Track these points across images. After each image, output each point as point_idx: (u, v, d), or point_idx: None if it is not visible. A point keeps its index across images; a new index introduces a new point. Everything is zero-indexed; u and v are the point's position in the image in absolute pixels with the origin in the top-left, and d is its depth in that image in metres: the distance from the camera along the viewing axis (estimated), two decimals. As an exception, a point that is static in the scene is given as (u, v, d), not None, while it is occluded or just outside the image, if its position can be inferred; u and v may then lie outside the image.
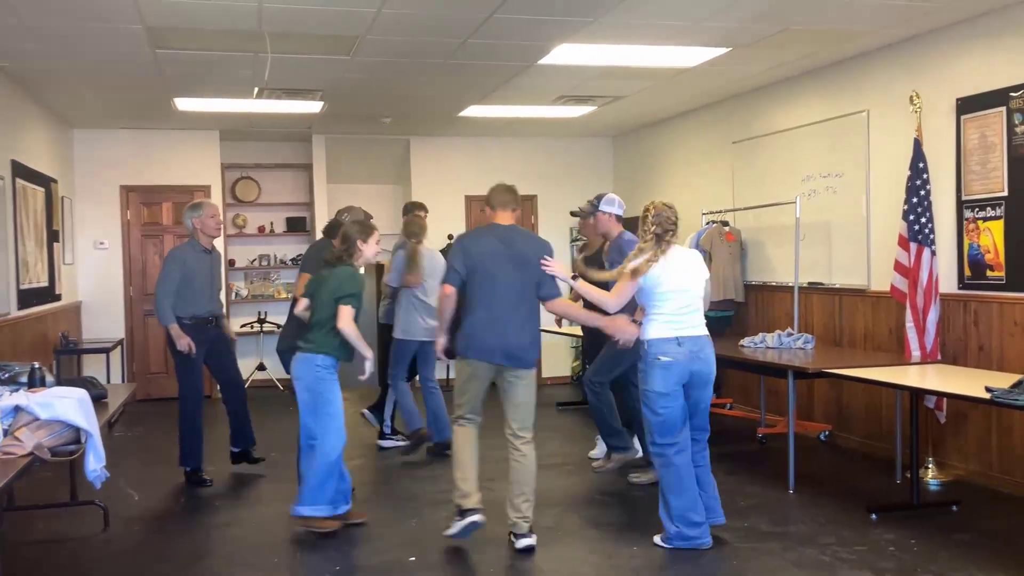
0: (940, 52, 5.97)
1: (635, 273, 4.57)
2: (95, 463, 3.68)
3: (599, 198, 6.03)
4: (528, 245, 4.75)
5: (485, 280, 4.62)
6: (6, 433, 3.41)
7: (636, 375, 4.89)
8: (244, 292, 10.67)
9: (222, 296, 5.91)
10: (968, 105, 5.72)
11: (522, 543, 4.54)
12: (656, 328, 4.56)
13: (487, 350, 4.60)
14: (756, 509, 5.23)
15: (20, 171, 6.99)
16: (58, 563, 4.60)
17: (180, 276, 5.91)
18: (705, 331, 4.64)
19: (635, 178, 10.38)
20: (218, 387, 6.50)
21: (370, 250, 4.97)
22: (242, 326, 10.45)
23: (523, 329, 4.63)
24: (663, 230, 4.69)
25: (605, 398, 5.91)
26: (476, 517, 4.60)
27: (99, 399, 4.48)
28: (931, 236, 5.72)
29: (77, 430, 3.64)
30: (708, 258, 7.90)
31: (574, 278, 4.89)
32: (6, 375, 4.35)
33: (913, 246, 5.76)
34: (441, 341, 4.82)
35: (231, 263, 10.47)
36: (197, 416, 6.02)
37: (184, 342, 5.86)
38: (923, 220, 5.73)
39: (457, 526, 4.63)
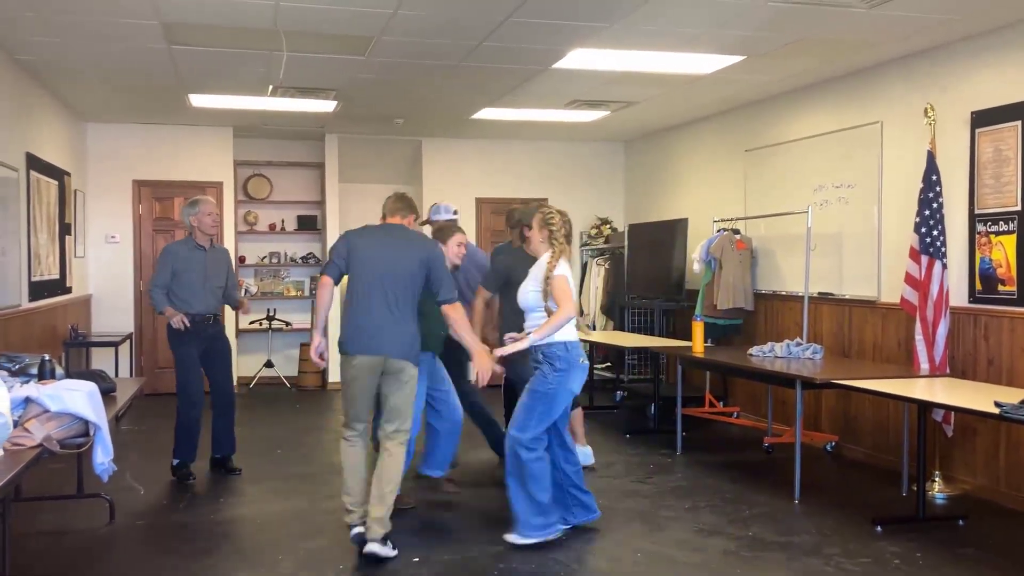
0: (955, 65, 5.96)
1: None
2: (103, 456, 3.69)
3: (436, 208, 6.29)
4: (414, 245, 4.69)
5: (364, 274, 4.58)
6: (16, 424, 3.42)
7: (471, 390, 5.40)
8: (254, 289, 10.70)
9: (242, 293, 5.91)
10: (983, 118, 5.70)
11: (366, 547, 4.42)
12: (571, 331, 4.73)
13: (363, 342, 4.52)
14: (761, 518, 5.22)
15: (34, 164, 7.03)
16: (64, 555, 4.61)
17: (171, 271, 5.92)
18: None
19: (646, 184, 10.37)
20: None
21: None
22: (251, 323, 10.48)
23: (399, 327, 4.55)
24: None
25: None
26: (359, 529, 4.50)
27: (108, 392, 4.50)
28: (943, 249, 5.70)
29: (86, 423, 3.65)
30: (718, 266, 7.91)
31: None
32: (16, 366, 4.38)
33: (924, 259, 5.75)
34: (316, 340, 4.69)
35: (241, 260, 10.50)
36: (193, 411, 6.00)
37: (177, 318, 5.84)
38: (935, 233, 5.72)
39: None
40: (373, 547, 4.42)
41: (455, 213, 6.33)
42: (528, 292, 4.74)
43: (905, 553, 4.59)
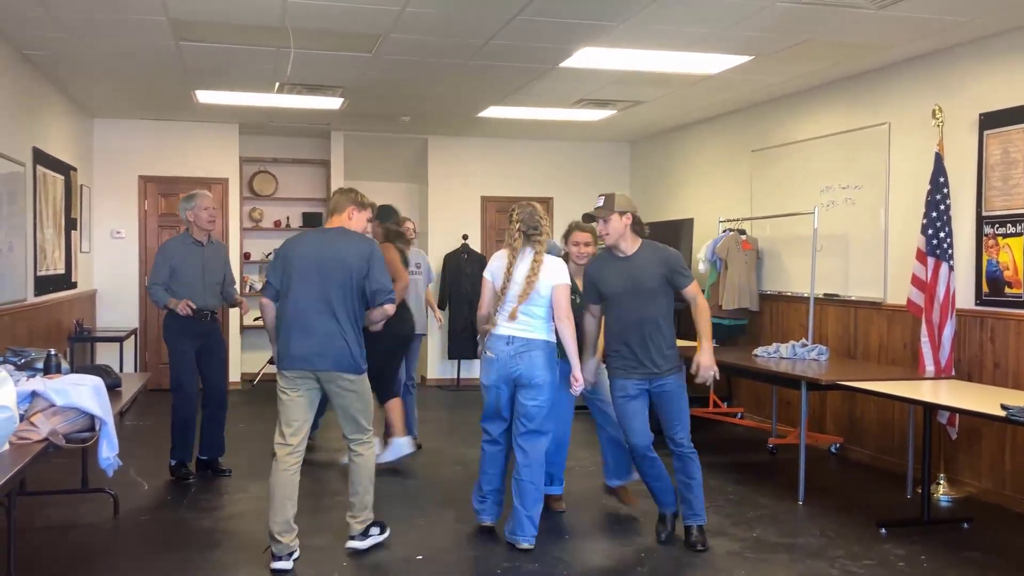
0: (964, 67, 5.94)
1: None
2: (108, 451, 3.69)
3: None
4: (348, 246, 4.45)
5: (297, 285, 4.40)
6: (22, 418, 3.42)
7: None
8: (258, 286, 10.69)
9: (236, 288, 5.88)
10: (991, 120, 5.68)
11: (347, 544, 4.52)
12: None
13: (298, 358, 4.36)
14: (765, 520, 5.21)
15: (41, 159, 7.04)
16: (68, 549, 4.62)
17: (170, 268, 5.84)
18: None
19: (652, 184, 10.36)
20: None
21: None
22: (255, 319, 10.47)
23: (333, 334, 4.35)
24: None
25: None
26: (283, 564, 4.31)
27: (113, 387, 4.50)
28: (949, 251, 5.69)
29: (91, 418, 3.65)
30: (724, 266, 7.90)
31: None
32: (22, 360, 4.39)
33: (931, 260, 5.73)
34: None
35: (246, 256, 10.50)
36: (189, 409, 5.94)
37: (183, 304, 5.75)
38: (942, 235, 5.70)
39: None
40: (352, 544, 4.52)
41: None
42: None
43: (910, 556, 4.58)
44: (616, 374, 4.70)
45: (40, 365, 4.32)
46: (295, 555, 4.36)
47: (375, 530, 4.61)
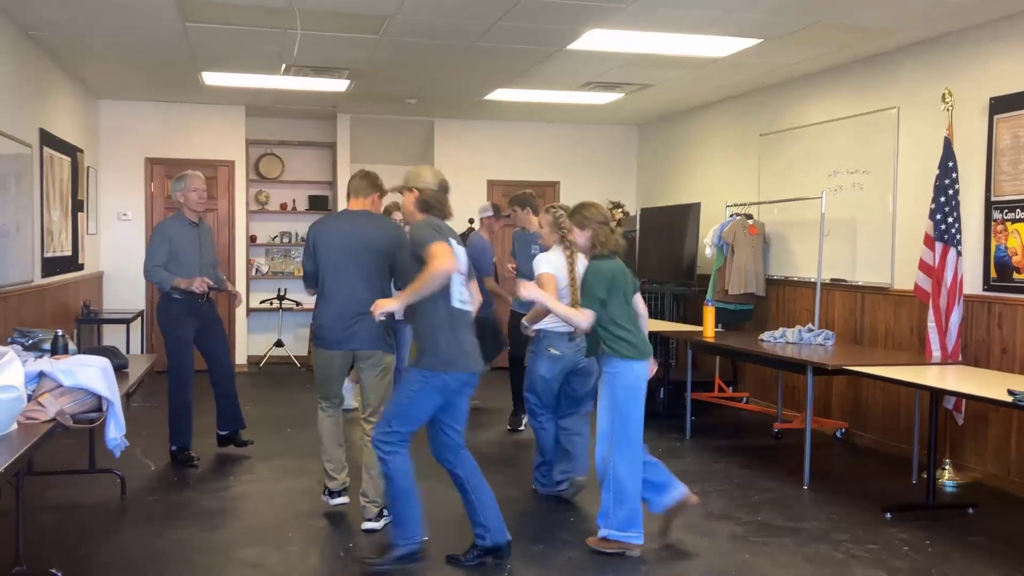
0: (974, 50, 5.90)
1: None
2: (115, 432, 3.70)
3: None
4: (376, 230, 4.65)
5: (329, 268, 4.62)
6: (30, 398, 3.43)
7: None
8: (264, 268, 10.71)
9: (242, 271, 5.88)
10: (1002, 105, 5.65)
11: (363, 525, 4.64)
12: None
13: (333, 340, 4.62)
14: (770, 504, 5.22)
15: (48, 140, 7.03)
16: (76, 529, 4.65)
17: (167, 250, 5.79)
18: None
19: (659, 168, 10.33)
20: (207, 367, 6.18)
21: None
22: (261, 302, 10.51)
23: (360, 318, 4.51)
24: None
25: None
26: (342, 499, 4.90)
27: (120, 369, 4.52)
28: (957, 236, 5.66)
29: (99, 398, 3.66)
30: (731, 251, 7.88)
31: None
32: (29, 341, 4.41)
33: (939, 246, 5.71)
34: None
35: (252, 239, 10.51)
36: (186, 394, 5.91)
37: (198, 282, 5.74)
38: (950, 220, 5.67)
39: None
40: (368, 524, 4.62)
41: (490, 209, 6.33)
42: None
43: (914, 540, 4.59)
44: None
45: (47, 346, 4.34)
46: (347, 488, 4.87)
47: (387, 511, 4.63)
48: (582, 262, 4.80)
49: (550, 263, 4.96)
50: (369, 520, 4.63)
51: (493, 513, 4.14)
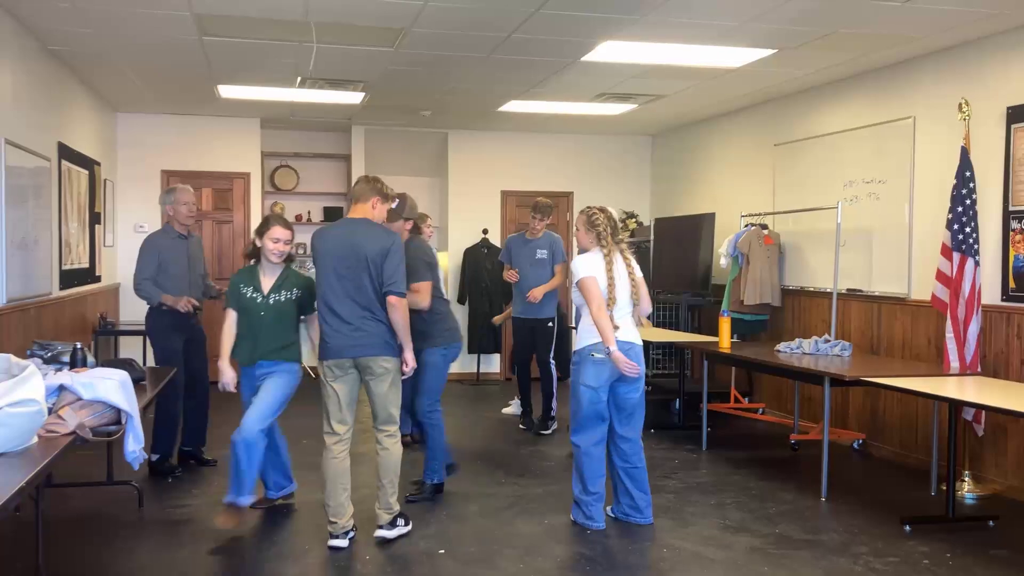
0: (991, 59, 5.87)
1: None
2: (134, 444, 3.71)
3: None
4: (369, 238, 4.57)
5: (326, 277, 4.58)
6: (50, 411, 3.45)
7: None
8: (279, 279, 10.72)
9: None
10: (1019, 114, 5.62)
11: (376, 533, 4.63)
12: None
13: (335, 348, 4.57)
14: (788, 516, 5.19)
15: (66, 153, 7.09)
16: (95, 540, 4.66)
17: (157, 263, 5.80)
18: None
19: (673, 178, 10.32)
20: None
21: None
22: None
23: (363, 319, 4.53)
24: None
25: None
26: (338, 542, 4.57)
27: (138, 381, 4.54)
28: (975, 246, 5.63)
29: (118, 411, 3.67)
30: (746, 261, 7.86)
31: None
32: (49, 354, 4.43)
33: (956, 256, 5.68)
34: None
35: (267, 250, 10.52)
36: (174, 405, 5.91)
37: (184, 301, 5.76)
38: (967, 230, 5.64)
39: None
40: (380, 532, 4.64)
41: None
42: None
43: (935, 553, 4.55)
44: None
45: (66, 359, 4.37)
46: (351, 534, 4.60)
47: (400, 521, 4.73)
48: (620, 261, 4.91)
49: (589, 265, 4.88)
50: (381, 528, 4.64)
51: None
